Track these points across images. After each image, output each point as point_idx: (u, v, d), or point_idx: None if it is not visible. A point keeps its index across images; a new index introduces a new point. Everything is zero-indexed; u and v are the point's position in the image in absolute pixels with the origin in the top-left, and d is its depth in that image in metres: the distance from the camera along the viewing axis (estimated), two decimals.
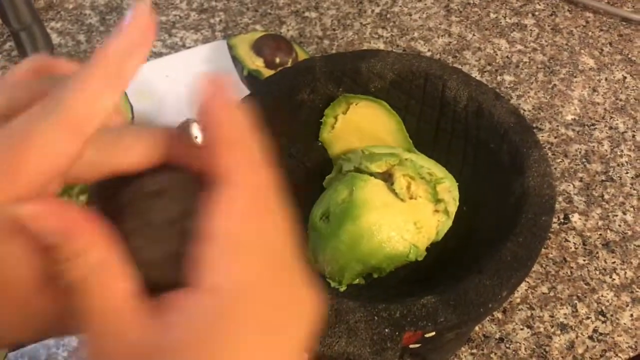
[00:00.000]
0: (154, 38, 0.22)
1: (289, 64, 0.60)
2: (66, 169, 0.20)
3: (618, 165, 0.59)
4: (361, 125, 0.47)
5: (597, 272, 0.52)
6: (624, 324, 0.49)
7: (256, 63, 0.60)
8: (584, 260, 0.52)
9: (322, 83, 0.47)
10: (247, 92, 0.48)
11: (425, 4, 0.73)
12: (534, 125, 0.61)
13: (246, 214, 0.21)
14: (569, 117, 0.62)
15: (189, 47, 0.69)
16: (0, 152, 0.19)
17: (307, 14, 0.72)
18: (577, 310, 0.50)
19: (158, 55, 0.68)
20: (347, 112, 0.47)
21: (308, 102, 0.47)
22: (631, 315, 0.49)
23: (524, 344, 0.48)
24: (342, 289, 0.42)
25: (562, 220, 0.55)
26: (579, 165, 0.58)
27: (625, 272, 0.52)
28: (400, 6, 0.73)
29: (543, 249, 0.53)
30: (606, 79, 0.65)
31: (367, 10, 0.72)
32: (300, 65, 0.49)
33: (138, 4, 0.21)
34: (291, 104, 0.46)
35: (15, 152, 0.19)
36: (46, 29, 0.62)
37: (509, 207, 0.40)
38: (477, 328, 0.49)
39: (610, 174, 0.58)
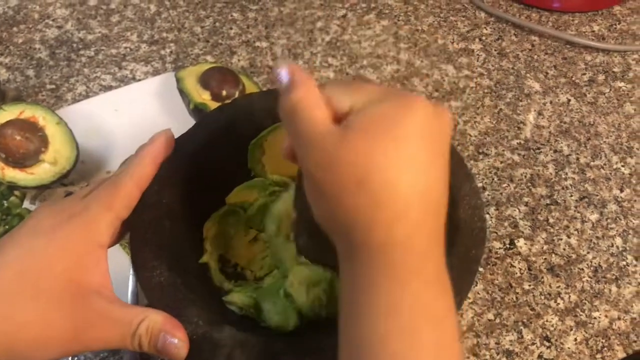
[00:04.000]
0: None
1: (236, 96, 0.60)
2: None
3: (562, 188, 0.59)
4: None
5: (542, 297, 0.52)
6: (568, 348, 0.50)
7: (203, 96, 0.60)
8: (529, 286, 0.53)
9: (259, 118, 0.47)
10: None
11: (375, 32, 0.74)
12: (480, 150, 0.62)
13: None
14: (515, 142, 0.63)
15: (139, 80, 0.69)
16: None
17: (257, 43, 0.72)
18: (522, 337, 0.50)
19: (107, 88, 0.68)
20: (272, 138, 0.47)
21: (245, 138, 0.47)
22: (575, 339, 0.50)
23: None
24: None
25: (508, 246, 0.55)
26: (524, 189, 0.59)
27: (570, 296, 0.52)
28: (350, 34, 0.73)
29: (489, 275, 0.53)
30: (551, 102, 0.66)
31: (317, 38, 0.73)
32: (239, 101, 0.49)
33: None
34: (229, 138, 0.46)
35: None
36: None
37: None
38: None
39: (555, 197, 0.59)
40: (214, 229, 0.46)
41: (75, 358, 0.48)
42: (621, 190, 0.59)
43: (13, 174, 0.54)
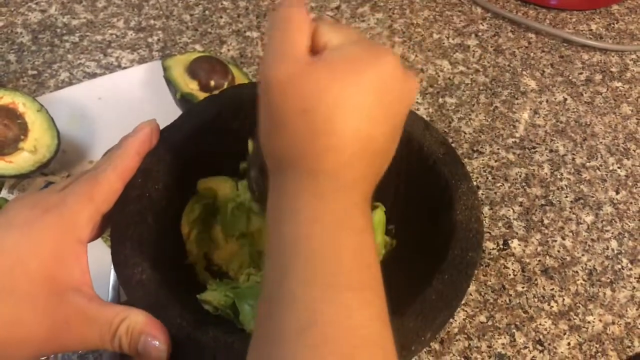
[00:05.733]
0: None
1: (225, 87, 0.58)
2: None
3: (558, 189, 0.58)
4: None
5: (536, 300, 0.51)
6: (561, 352, 0.48)
7: (190, 86, 0.58)
8: (523, 288, 0.52)
9: (249, 110, 0.45)
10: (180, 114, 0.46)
11: (369, 24, 0.72)
12: (475, 148, 0.61)
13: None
14: (510, 140, 0.62)
15: (125, 68, 0.66)
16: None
17: (248, 33, 0.70)
18: (515, 340, 0.49)
19: (92, 76, 0.65)
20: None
21: (233, 130, 0.45)
22: (568, 343, 0.49)
23: None
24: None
25: (502, 247, 0.54)
26: (519, 189, 0.58)
27: (564, 299, 0.51)
28: None
29: (482, 277, 0.52)
30: (547, 101, 0.65)
31: None
32: (228, 92, 0.47)
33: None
34: (216, 130, 0.44)
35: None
36: None
37: (438, 243, 0.39)
38: None
39: (550, 198, 0.57)
40: (195, 230, 0.45)
41: (52, 357, 0.45)
42: (617, 192, 0.58)
43: None
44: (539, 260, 0.53)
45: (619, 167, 0.60)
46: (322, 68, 0.30)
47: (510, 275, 0.52)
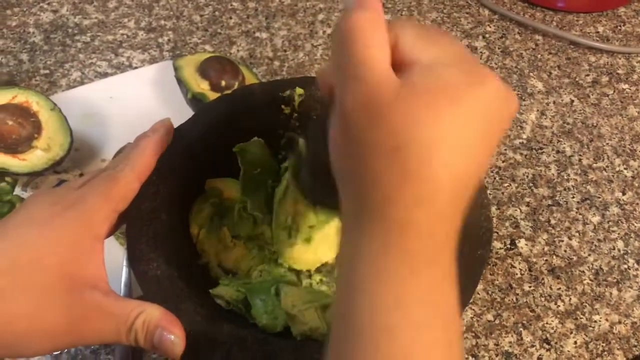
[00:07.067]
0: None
1: (236, 87, 0.59)
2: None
3: (564, 189, 0.59)
4: None
5: (543, 299, 0.52)
6: (568, 351, 0.49)
7: (201, 86, 0.58)
8: (530, 287, 0.52)
9: (261, 110, 0.46)
10: (191, 114, 0.47)
11: None
12: None
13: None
14: (517, 141, 0.62)
15: (136, 68, 0.67)
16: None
17: (257, 34, 0.71)
18: (522, 338, 0.49)
19: (103, 75, 0.66)
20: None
21: (246, 130, 0.45)
22: (575, 342, 0.49)
23: None
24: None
25: (509, 246, 0.55)
26: (526, 189, 0.58)
27: (570, 299, 0.52)
28: None
29: (489, 276, 0.53)
30: (554, 102, 0.66)
31: (318, 31, 0.72)
32: (239, 92, 0.48)
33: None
34: (229, 130, 0.45)
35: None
36: None
37: None
38: None
39: (556, 198, 0.58)
40: (204, 229, 0.45)
41: (65, 352, 0.46)
42: (623, 193, 0.59)
43: (4, 160, 0.53)
44: (546, 260, 0.54)
45: (625, 168, 0.60)
46: (413, 95, 0.26)
47: (517, 274, 0.53)
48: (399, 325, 0.25)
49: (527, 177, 0.59)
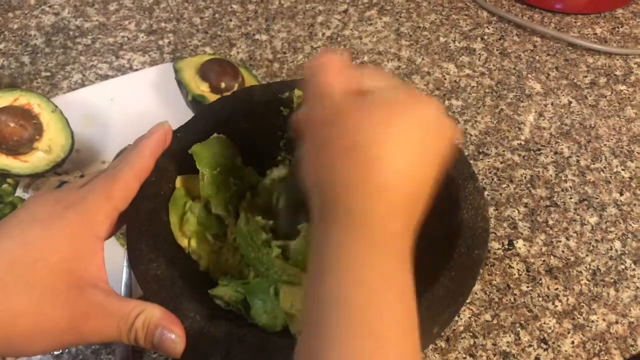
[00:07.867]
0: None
1: (235, 89, 0.59)
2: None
3: (562, 190, 0.59)
4: None
5: (540, 299, 0.52)
6: (565, 351, 0.49)
7: (201, 88, 0.59)
8: (528, 287, 0.53)
9: (260, 112, 0.46)
10: (191, 116, 0.47)
11: (376, 28, 0.73)
12: (480, 150, 0.62)
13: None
14: (515, 142, 0.62)
15: (136, 70, 0.68)
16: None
17: (257, 36, 0.72)
18: (519, 338, 0.50)
19: (104, 77, 0.67)
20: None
21: (245, 131, 0.46)
22: (572, 342, 0.50)
23: None
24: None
25: (507, 247, 0.55)
26: (524, 190, 0.59)
27: (568, 299, 0.52)
28: (351, 29, 0.73)
29: (487, 276, 0.53)
30: (552, 104, 0.66)
31: (317, 33, 0.72)
32: (239, 93, 0.48)
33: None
34: (228, 132, 0.45)
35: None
36: None
37: (444, 240, 0.40)
38: None
39: (554, 199, 0.58)
40: (193, 239, 0.45)
41: (66, 351, 0.47)
42: (621, 194, 0.59)
43: (6, 162, 0.53)
44: (544, 260, 0.54)
45: (622, 169, 0.61)
46: (370, 105, 0.32)
47: (515, 274, 0.53)
48: (357, 295, 0.29)
49: (525, 178, 0.60)
